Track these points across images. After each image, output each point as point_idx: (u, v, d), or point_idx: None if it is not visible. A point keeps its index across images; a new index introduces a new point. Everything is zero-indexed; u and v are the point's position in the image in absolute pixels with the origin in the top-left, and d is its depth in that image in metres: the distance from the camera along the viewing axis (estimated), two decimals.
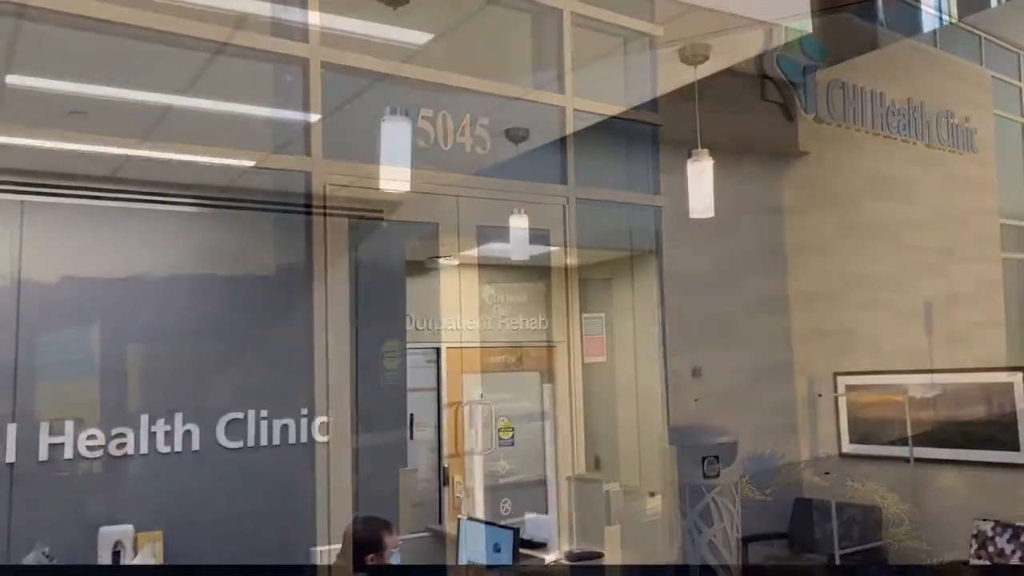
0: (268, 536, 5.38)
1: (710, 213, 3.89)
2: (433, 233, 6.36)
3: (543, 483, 8.02)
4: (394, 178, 3.49)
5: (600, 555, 4.33)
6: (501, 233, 6.48)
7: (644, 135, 7.34)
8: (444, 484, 7.56)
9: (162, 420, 5.10)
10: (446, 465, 7.57)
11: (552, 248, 7.08)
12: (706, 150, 3.91)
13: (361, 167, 5.20)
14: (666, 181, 7.48)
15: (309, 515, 5.53)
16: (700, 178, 3.93)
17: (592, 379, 8.07)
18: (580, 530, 5.71)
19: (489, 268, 7.98)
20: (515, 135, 4.52)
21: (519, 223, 4.99)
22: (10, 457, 4.65)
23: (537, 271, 8.30)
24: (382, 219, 5.97)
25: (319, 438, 5.61)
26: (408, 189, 3.58)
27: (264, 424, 5.43)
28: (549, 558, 4.37)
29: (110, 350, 5.01)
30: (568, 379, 7.93)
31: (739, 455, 7.69)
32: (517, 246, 4.97)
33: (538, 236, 5.57)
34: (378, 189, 5.61)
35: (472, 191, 6.36)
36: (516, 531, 4.33)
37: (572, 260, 8.01)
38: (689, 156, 3.97)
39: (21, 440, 4.70)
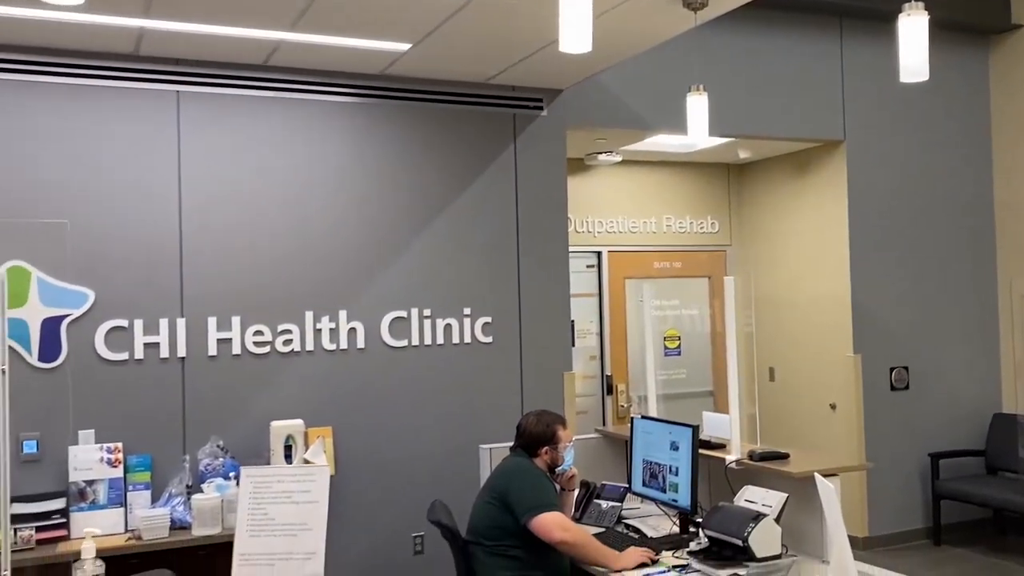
0: (435, 434, 5.46)
1: (924, 76, 3.52)
2: (595, 125, 6.16)
3: (711, 395, 7.84)
4: (573, 45, 3.28)
5: (785, 455, 4.12)
6: (669, 120, 6.21)
7: (829, 8, 6.85)
8: (608, 393, 7.50)
9: (327, 317, 5.19)
10: (609, 374, 7.50)
11: (725, 140, 6.75)
12: (921, 3, 3.52)
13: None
14: (851, 63, 7.00)
15: (475, 414, 5.56)
16: (913, 34, 3.54)
17: (766, 284, 7.77)
18: (763, 434, 5.53)
19: (655, 165, 7.75)
20: (692, 1, 4.22)
21: (697, 104, 4.68)
22: (181, 351, 4.84)
23: (708, 167, 8.00)
24: (542, 109, 5.81)
25: (482, 338, 5.60)
26: (588, 50, 3.37)
27: (427, 323, 5.47)
28: (730, 458, 4.20)
29: (272, 246, 5.11)
30: (740, 285, 7.63)
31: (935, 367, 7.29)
32: (691, 132, 4.67)
33: (711, 126, 5.28)
34: (538, 85, 5.48)
35: (640, 71, 6.12)
36: (695, 428, 4.18)
37: (748, 154, 7.65)
38: (900, 11, 3.58)
39: (191, 335, 4.87)
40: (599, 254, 7.57)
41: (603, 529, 4.19)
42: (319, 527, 2.46)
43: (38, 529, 4.25)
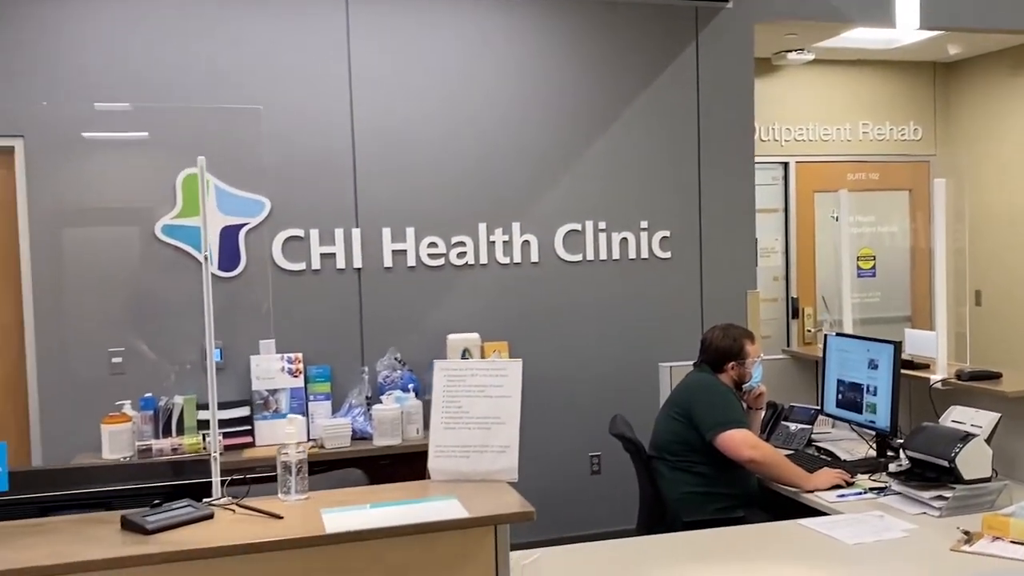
0: (612, 352, 5.58)
1: None
2: (786, 18, 6.00)
3: (908, 321, 7.63)
4: None
5: (998, 375, 4.02)
6: (871, 11, 5.98)
7: None
8: (793, 316, 7.42)
9: (500, 230, 5.35)
10: (794, 296, 7.41)
11: (934, 33, 6.45)
12: None
13: None
14: None
15: (652, 332, 5.64)
16: None
17: (974, 199, 7.45)
18: (972, 353, 5.39)
19: (851, 64, 7.49)
20: None
21: None
22: (357, 263, 5.10)
23: (911, 66, 7.67)
24: (727, 1, 5.71)
25: (660, 254, 5.65)
26: None
27: (602, 237, 5.54)
28: (935, 377, 4.13)
29: (445, 155, 5.28)
30: (944, 200, 7.33)
31: None
32: (899, 24, 4.47)
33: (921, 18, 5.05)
34: None
35: None
36: (898, 345, 4.12)
37: (958, 49, 7.29)
38: None
39: (366, 246, 5.12)
40: (786, 165, 7.43)
41: (791, 452, 4.21)
42: (512, 421, 2.60)
43: (225, 436, 4.60)
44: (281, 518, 2.26)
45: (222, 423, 4.59)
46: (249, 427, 4.71)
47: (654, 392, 5.05)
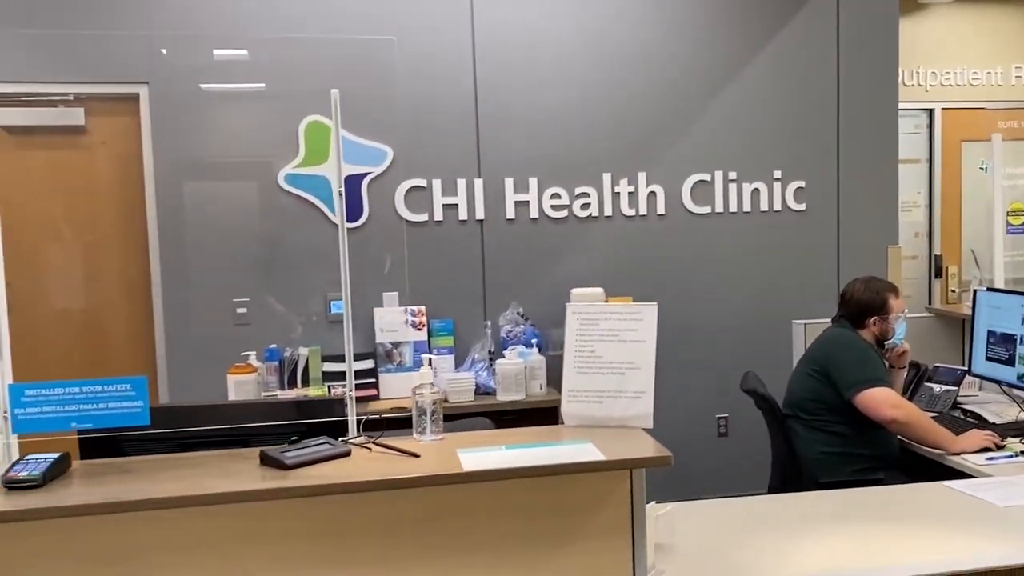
0: (741, 308, 5.53)
1: None
2: None
3: None
4: None
5: None
6: None
7: None
8: (936, 275, 7.22)
9: (625, 180, 5.34)
10: (938, 253, 7.20)
11: None
12: None
13: None
14: None
15: (785, 288, 5.57)
16: None
17: None
18: None
19: (1003, 2, 7.19)
20: None
21: None
22: (479, 214, 5.17)
23: None
24: None
25: (794, 205, 5.56)
26: None
27: (732, 188, 5.49)
28: None
29: (568, 103, 5.29)
30: None
31: None
32: None
33: None
34: None
35: None
36: None
37: None
38: None
39: (488, 197, 5.19)
40: (930, 112, 7.19)
41: (936, 415, 4.12)
42: (647, 366, 2.61)
43: None
44: (418, 456, 2.33)
45: (343, 375, 4.73)
46: (373, 380, 4.84)
47: (786, 351, 5.00)
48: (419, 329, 4.96)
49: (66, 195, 4.86)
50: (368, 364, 4.84)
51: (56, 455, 2.23)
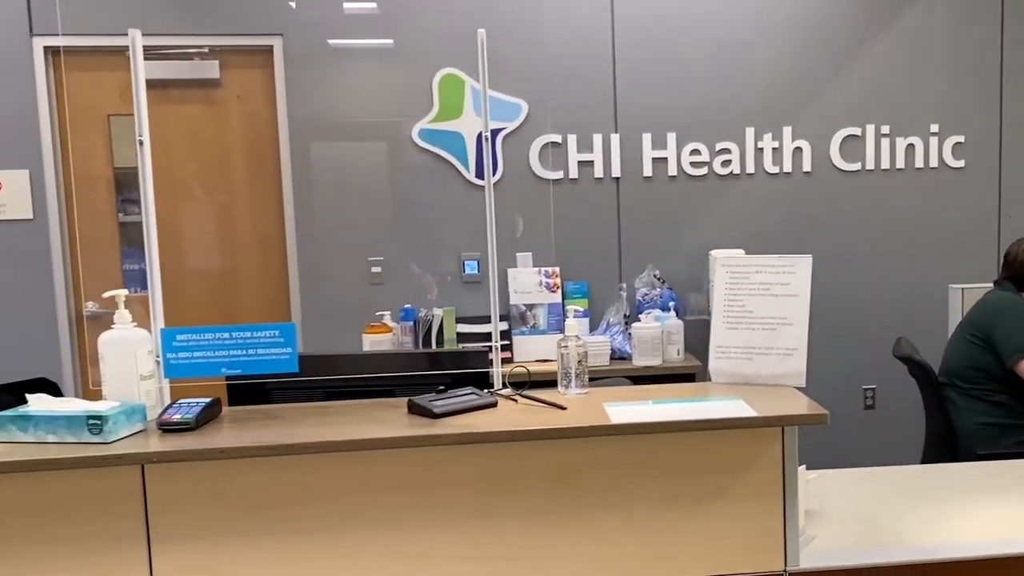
0: (893, 272, 5.42)
1: None
2: None
3: None
4: None
5: None
6: None
7: None
8: None
9: (769, 135, 5.28)
10: None
11: None
12: None
13: None
14: None
15: (941, 251, 5.43)
16: None
17: None
18: None
19: None
20: None
21: None
22: (615, 171, 5.18)
23: None
24: None
25: (952, 162, 5.41)
26: None
27: (885, 143, 5.37)
28: None
29: (708, 52, 5.24)
30: None
31: None
32: None
33: None
34: None
35: None
36: None
37: None
38: None
39: (625, 153, 5.19)
40: None
41: None
42: (800, 322, 2.60)
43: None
44: (564, 408, 2.38)
45: (478, 337, 4.82)
46: (507, 342, 4.92)
47: (941, 317, 4.89)
48: (553, 291, 5.01)
49: (201, 151, 5.06)
50: (502, 326, 4.91)
51: (208, 400, 2.36)
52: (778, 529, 2.38)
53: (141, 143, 2.63)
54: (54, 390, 3.40)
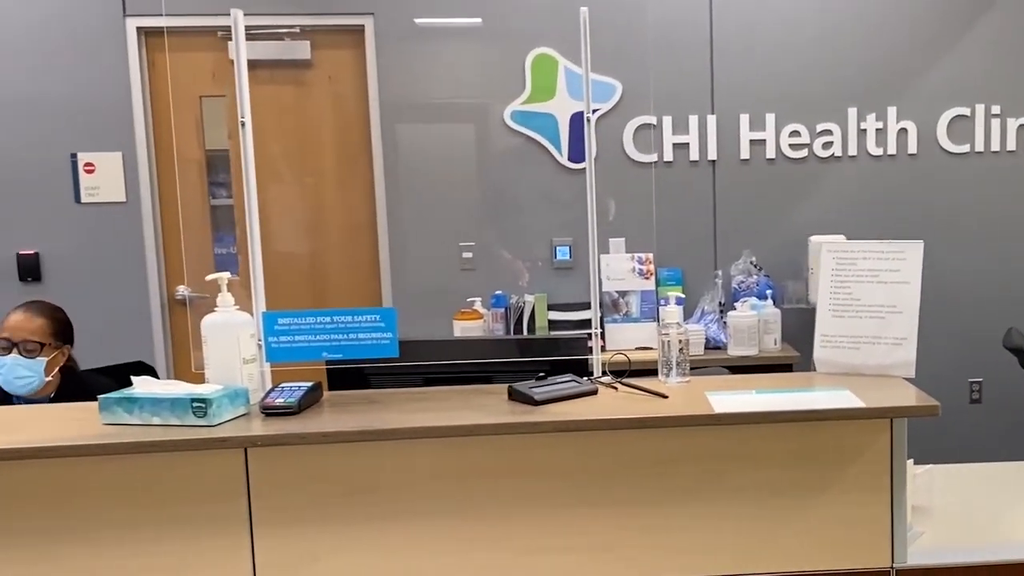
0: (1002, 261, 5.32)
1: None
2: None
3: None
4: None
5: None
6: None
7: None
8: None
9: (872, 116, 5.21)
10: None
11: None
12: None
13: None
14: None
15: None
16: None
17: None
18: None
19: None
20: None
21: None
22: (711, 154, 5.17)
23: None
24: None
25: None
26: None
27: (995, 123, 5.26)
28: None
29: (809, 26, 5.17)
30: None
31: None
32: None
33: None
34: None
35: None
36: None
37: None
38: None
39: (721, 135, 5.17)
40: None
41: None
42: (911, 310, 2.58)
43: None
44: (666, 397, 2.41)
45: (570, 324, 4.86)
46: (599, 330, 4.92)
47: None
48: (646, 278, 5.02)
49: (291, 133, 5.15)
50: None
51: (309, 384, 2.44)
52: (885, 524, 2.39)
53: (243, 124, 2.68)
54: (151, 374, 3.52)
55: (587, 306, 4.91)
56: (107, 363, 3.66)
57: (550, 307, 4.95)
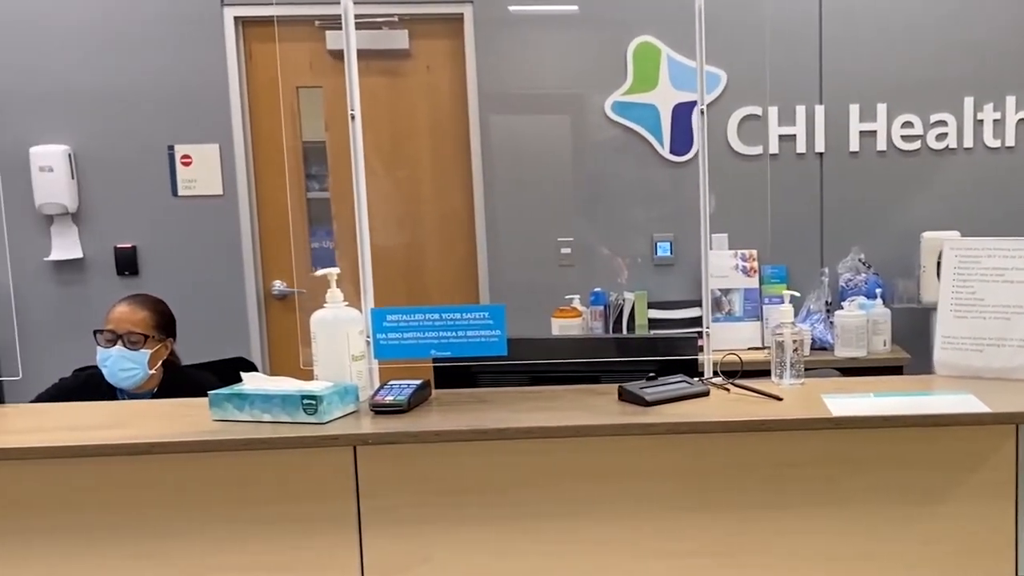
0: None
1: None
2: None
3: None
4: None
5: None
6: None
7: None
8: None
9: (990, 106, 5.12)
10: None
11: None
12: None
13: None
14: None
15: None
16: None
17: None
18: None
19: None
20: None
21: None
22: (819, 146, 5.13)
23: None
24: None
25: None
26: None
27: None
28: None
29: (924, 12, 5.10)
30: None
31: None
32: None
33: None
34: None
35: None
36: None
37: None
38: None
39: (830, 126, 5.12)
40: None
41: None
42: None
43: None
44: (780, 399, 2.43)
45: (671, 323, 4.88)
46: (701, 329, 4.92)
47: None
48: (750, 275, 5.01)
49: (389, 124, 5.21)
50: (695, 312, 4.94)
51: (418, 381, 2.50)
52: (1009, 534, 2.39)
53: (353, 117, 2.76)
54: (252, 370, 3.62)
55: (688, 304, 4.97)
56: (203, 358, 3.78)
57: (650, 305, 4.96)
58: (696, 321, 4.91)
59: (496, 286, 5.20)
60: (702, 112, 2.78)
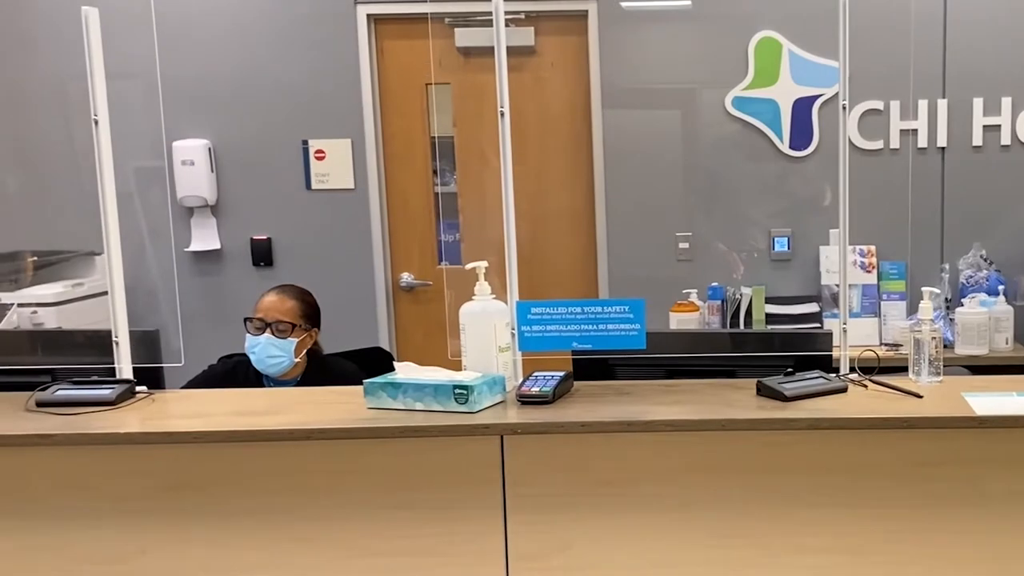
0: None
1: None
2: None
3: None
4: None
5: None
6: None
7: None
8: None
9: None
10: None
11: None
12: None
13: None
14: None
15: None
16: None
17: None
18: None
19: None
20: None
21: None
22: (941, 140, 5.04)
23: None
24: None
25: None
26: None
27: None
28: None
29: None
30: None
31: None
32: None
33: None
34: None
35: None
36: None
37: None
38: None
39: (953, 120, 5.02)
40: None
41: None
42: None
43: None
44: (920, 397, 2.42)
45: (788, 318, 4.84)
46: (818, 325, 4.88)
47: None
48: (868, 271, 4.95)
49: (515, 120, 5.18)
50: (812, 308, 4.90)
51: (562, 373, 2.55)
52: None
53: (503, 114, 2.81)
54: (388, 360, 3.70)
55: (805, 300, 4.94)
56: (334, 347, 3.86)
57: (768, 300, 4.93)
58: (813, 317, 4.91)
59: (615, 280, 5.22)
60: (843, 107, 2.74)
